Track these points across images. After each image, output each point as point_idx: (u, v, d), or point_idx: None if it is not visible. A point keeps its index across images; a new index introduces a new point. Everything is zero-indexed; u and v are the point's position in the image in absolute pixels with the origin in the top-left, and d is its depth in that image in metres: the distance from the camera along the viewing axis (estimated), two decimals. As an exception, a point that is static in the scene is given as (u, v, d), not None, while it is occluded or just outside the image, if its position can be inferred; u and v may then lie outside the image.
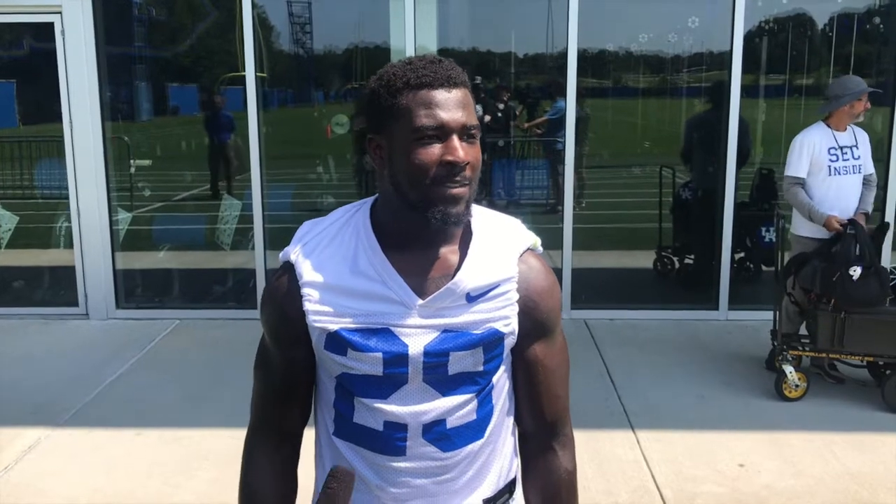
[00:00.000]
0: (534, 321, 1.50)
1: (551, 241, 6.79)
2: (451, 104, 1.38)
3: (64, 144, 6.54)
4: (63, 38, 6.37)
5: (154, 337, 6.19)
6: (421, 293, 1.43)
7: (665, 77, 6.96)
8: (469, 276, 1.43)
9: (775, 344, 5.14)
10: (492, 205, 7.37)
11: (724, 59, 6.42)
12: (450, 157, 1.36)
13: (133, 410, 4.85)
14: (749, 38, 6.41)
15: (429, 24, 6.53)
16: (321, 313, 1.44)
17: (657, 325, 6.41)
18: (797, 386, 4.89)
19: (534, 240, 1.54)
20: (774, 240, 5.53)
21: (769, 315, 5.27)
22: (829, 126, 5.05)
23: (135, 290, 6.92)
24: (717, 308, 6.57)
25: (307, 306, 1.44)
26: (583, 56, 6.49)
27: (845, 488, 3.93)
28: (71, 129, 6.50)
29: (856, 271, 4.67)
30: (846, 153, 5.02)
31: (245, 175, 6.67)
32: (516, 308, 1.47)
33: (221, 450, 4.33)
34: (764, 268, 6.73)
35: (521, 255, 1.50)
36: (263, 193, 6.61)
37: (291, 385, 1.53)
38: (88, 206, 6.59)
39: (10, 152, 7.20)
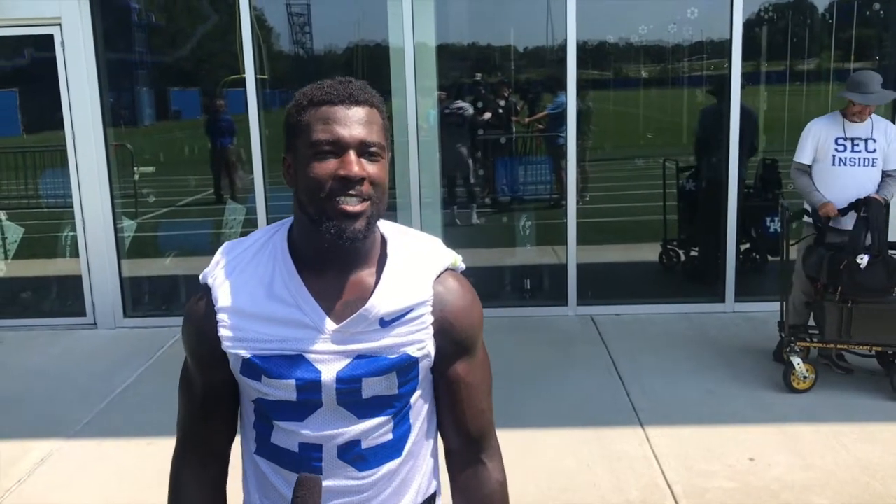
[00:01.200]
0: (452, 341, 1.50)
1: (556, 236, 6.79)
2: (350, 120, 1.39)
3: (67, 153, 6.56)
4: (63, 50, 6.38)
5: (162, 345, 6.21)
6: (335, 318, 1.43)
7: (665, 67, 6.94)
8: (382, 301, 1.43)
9: (783, 336, 5.14)
10: (495, 202, 7.38)
11: (725, 49, 6.39)
12: (342, 171, 1.36)
13: (143, 420, 4.87)
14: (748, 26, 6.38)
15: (427, 21, 6.52)
16: (236, 339, 1.44)
17: (664, 320, 6.40)
18: (805, 377, 4.89)
19: (453, 258, 1.54)
20: (780, 230, 5.52)
21: (776, 307, 5.26)
22: (843, 116, 5.04)
23: (142, 298, 6.94)
24: (723, 301, 6.56)
25: (222, 332, 1.45)
26: (582, 49, 6.48)
27: (857, 479, 3.93)
28: (73, 139, 6.51)
29: (863, 259, 4.66)
30: (857, 145, 4.99)
31: (248, 178, 6.68)
32: (431, 331, 1.47)
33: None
34: (770, 258, 6.72)
35: (437, 277, 1.50)
36: (267, 197, 6.62)
37: (214, 405, 1.54)
38: (93, 215, 6.61)
39: (14, 162, 7.22)
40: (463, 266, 1.57)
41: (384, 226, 1.54)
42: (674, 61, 6.84)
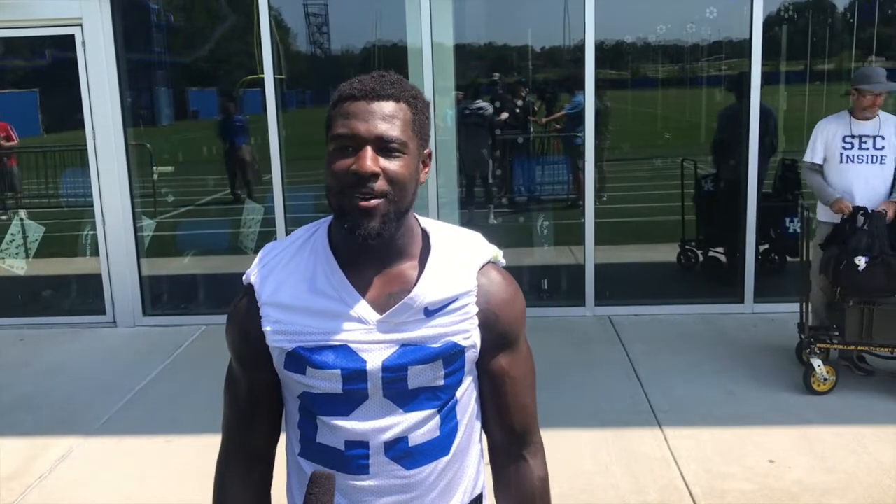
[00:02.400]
0: (496, 333, 1.51)
1: (573, 236, 6.77)
2: (371, 115, 1.38)
3: (87, 153, 6.61)
4: (84, 50, 6.43)
5: (181, 343, 6.25)
6: (379, 309, 1.44)
7: (684, 67, 6.91)
8: (426, 291, 1.44)
9: (802, 337, 5.10)
10: (512, 202, 7.37)
11: (744, 48, 6.35)
12: (354, 167, 1.36)
13: (163, 417, 4.90)
14: (768, 25, 6.33)
15: (445, 20, 6.52)
16: (280, 333, 1.45)
17: (682, 320, 6.37)
18: (826, 379, 4.85)
19: (495, 252, 1.55)
20: (799, 230, 5.49)
21: (795, 307, 5.23)
22: (851, 115, 5.07)
23: (161, 296, 6.98)
24: (742, 301, 6.52)
25: (266, 326, 1.46)
26: (600, 49, 6.46)
27: (878, 482, 3.89)
28: (94, 138, 6.56)
29: (861, 261, 4.65)
30: (865, 143, 5.03)
31: (266, 178, 6.71)
32: (476, 321, 1.48)
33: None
34: (789, 259, 6.67)
35: (481, 269, 1.50)
36: (285, 196, 6.64)
37: (258, 406, 1.54)
38: (113, 214, 6.65)
39: (35, 161, 7.29)
40: (504, 262, 1.57)
41: (425, 221, 1.55)
42: (692, 61, 6.81)
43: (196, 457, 4.39)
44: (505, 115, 7.18)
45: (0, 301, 6.98)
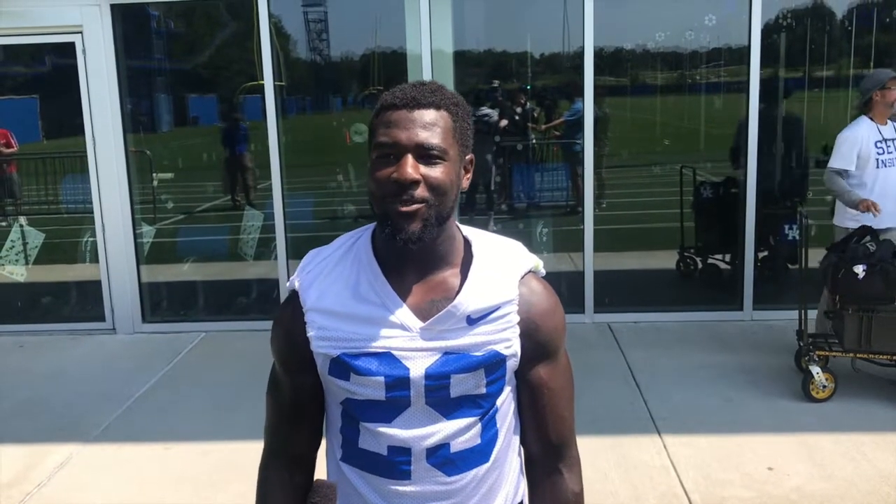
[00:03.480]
0: (536, 343, 1.52)
1: (572, 243, 6.78)
2: (412, 124, 1.41)
3: (87, 159, 6.62)
4: (84, 57, 6.45)
5: (180, 350, 6.25)
6: (422, 316, 1.46)
7: (683, 74, 6.92)
8: (469, 299, 1.45)
9: (801, 344, 5.11)
10: (512, 208, 7.39)
11: (743, 55, 6.37)
12: (395, 175, 1.39)
13: (162, 424, 4.90)
14: (767, 32, 6.35)
15: (444, 27, 6.54)
16: (324, 339, 1.47)
17: (681, 327, 6.37)
18: (825, 386, 4.85)
19: (535, 262, 1.56)
20: (798, 238, 5.50)
21: (794, 315, 5.23)
22: (872, 120, 5.18)
23: (160, 303, 6.99)
24: (741, 308, 6.52)
25: (311, 332, 1.48)
26: (599, 56, 6.47)
27: (877, 490, 3.89)
28: (94, 145, 6.57)
29: (859, 269, 4.66)
30: (889, 146, 5.14)
31: (265, 185, 6.72)
32: (517, 330, 1.49)
33: (250, 462, 4.33)
34: (789, 266, 6.68)
35: (522, 278, 1.52)
36: (284, 203, 6.65)
37: (301, 410, 1.56)
38: (113, 220, 6.66)
39: (35, 168, 7.30)
40: (544, 272, 1.59)
41: (466, 230, 1.56)
42: (691, 68, 6.82)
43: (194, 464, 4.39)
44: (504, 122, 7.19)
45: (0, 308, 6.98)
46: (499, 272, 1.49)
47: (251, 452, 4.41)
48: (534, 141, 7.38)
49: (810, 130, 6.75)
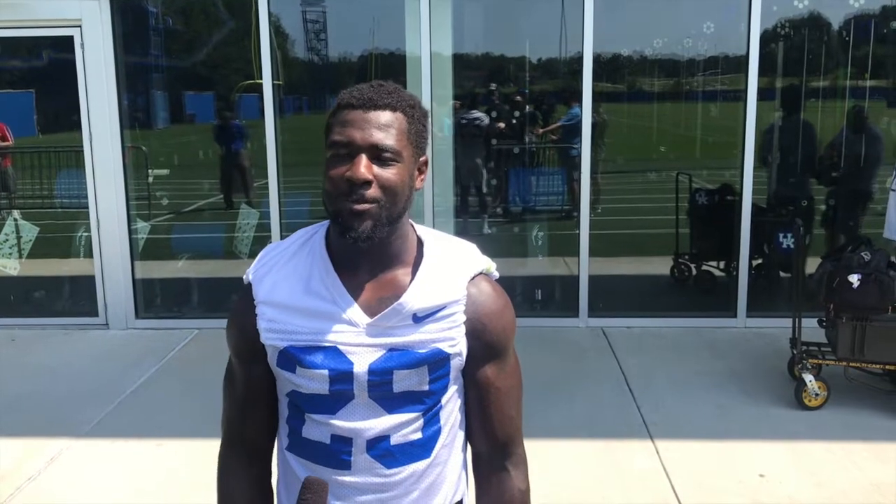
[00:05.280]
0: (483, 343, 1.54)
1: (568, 248, 6.79)
2: (367, 124, 1.43)
3: (83, 154, 6.60)
4: (83, 52, 6.43)
5: (173, 347, 6.23)
6: (370, 312, 1.48)
7: (680, 81, 6.94)
8: (416, 297, 1.47)
9: (794, 352, 5.12)
10: (507, 212, 7.39)
11: (741, 64, 6.39)
12: (348, 174, 1.41)
13: (154, 421, 4.89)
14: (765, 41, 6.37)
15: (444, 29, 6.54)
16: (273, 331, 1.51)
17: (675, 333, 6.38)
18: (817, 395, 4.87)
19: (487, 264, 1.58)
20: (793, 246, 5.52)
21: (788, 323, 5.25)
22: None
23: (154, 299, 6.97)
24: (735, 316, 6.54)
25: (261, 324, 1.52)
26: (598, 61, 6.48)
27: (868, 499, 3.91)
28: (90, 140, 6.55)
29: (854, 278, 4.68)
30: None
31: (261, 183, 6.71)
32: (463, 329, 1.51)
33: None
34: (782, 274, 6.70)
35: (472, 279, 1.54)
36: (281, 202, 6.64)
37: (255, 401, 1.59)
38: (108, 216, 6.64)
39: (30, 162, 7.27)
40: (496, 274, 1.61)
41: (421, 230, 1.59)
42: (688, 75, 6.84)
43: (186, 460, 4.38)
44: (502, 125, 7.20)
45: (-8, 301, 6.96)
46: (448, 272, 1.52)
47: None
48: (531, 145, 7.39)
49: (807, 139, 6.76)
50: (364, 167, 1.41)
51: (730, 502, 3.90)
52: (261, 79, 6.50)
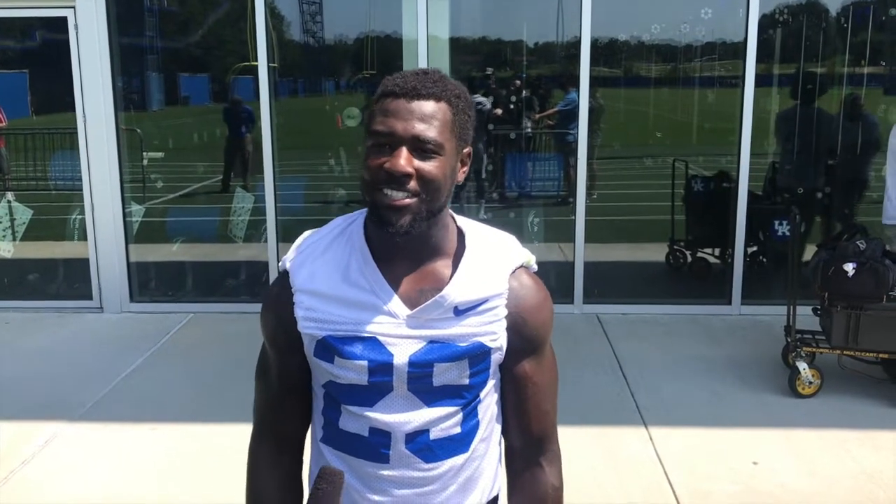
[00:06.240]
0: (523, 338, 1.52)
1: (563, 233, 6.78)
2: (410, 115, 1.39)
3: (77, 136, 6.56)
4: (76, 33, 6.37)
5: (168, 330, 6.22)
6: (410, 304, 1.46)
7: (678, 67, 6.91)
8: (458, 290, 1.45)
9: (789, 340, 5.13)
10: (503, 197, 7.37)
11: (738, 49, 6.36)
12: (387, 166, 1.38)
13: (148, 405, 4.88)
14: (763, 27, 6.34)
15: (441, 13, 6.50)
16: (311, 320, 1.47)
17: (670, 320, 6.39)
18: (811, 383, 4.88)
19: (528, 257, 1.55)
20: (788, 234, 5.52)
21: (782, 310, 5.25)
22: None
23: (148, 283, 6.95)
24: (730, 303, 6.54)
25: (298, 313, 1.49)
26: (595, 46, 6.45)
27: (861, 487, 3.92)
28: (84, 123, 6.51)
29: (849, 267, 4.68)
30: None
31: (257, 167, 6.68)
32: (504, 324, 1.49)
33: (236, 444, 4.33)
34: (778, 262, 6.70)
35: (513, 272, 1.51)
36: (276, 185, 6.61)
37: (289, 391, 1.56)
38: (102, 199, 6.61)
39: (24, 144, 7.23)
40: (535, 267, 1.58)
41: (462, 221, 1.55)
42: (686, 61, 6.82)
43: (181, 444, 4.38)
44: (499, 111, 7.17)
45: (-14, 284, 6.94)
46: (490, 265, 1.49)
47: (238, 434, 4.40)
48: (528, 130, 7.36)
49: (804, 126, 6.75)
50: (404, 160, 1.37)
51: (723, 489, 3.92)
52: (256, 61, 6.45)
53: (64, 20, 6.37)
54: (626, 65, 6.95)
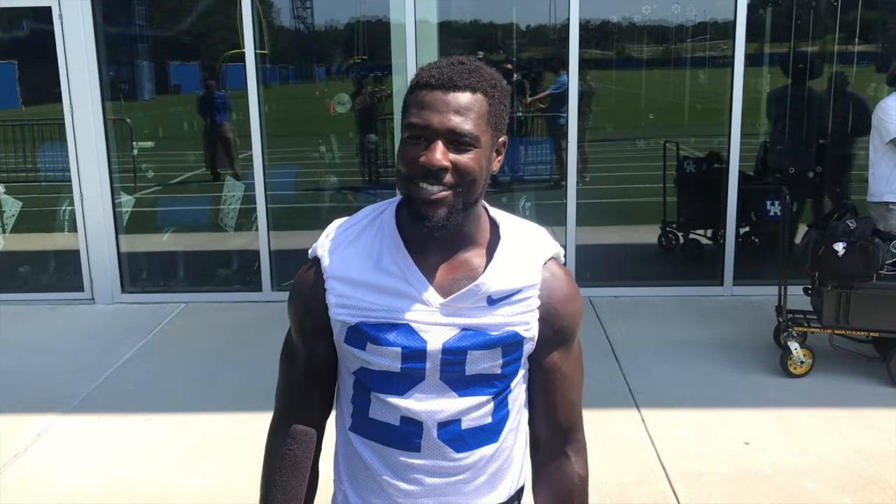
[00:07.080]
0: (554, 329, 1.52)
1: (555, 217, 6.77)
2: (446, 107, 1.37)
3: (65, 127, 6.52)
4: (61, 22, 6.32)
5: (160, 321, 6.21)
6: (442, 293, 1.45)
7: (669, 48, 6.89)
8: (492, 280, 1.45)
9: (780, 320, 5.14)
10: (494, 181, 7.35)
11: (728, 29, 6.34)
12: (422, 159, 1.37)
13: (140, 396, 4.88)
14: (753, 7, 6.32)
15: (429, -4, 6.46)
16: (343, 306, 1.47)
17: (662, 302, 6.40)
18: (802, 362, 4.89)
19: (558, 249, 1.56)
20: (780, 214, 5.52)
21: (774, 291, 5.26)
22: None
23: (140, 273, 6.93)
24: (722, 284, 6.55)
25: (330, 299, 1.48)
26: (585, 28, 6.42)
27: (851, 465, 3.94)
28: (71, 113, 6.47)
29: (839, 246, 4.69)
30: None
31: (246, 154, 6.65)
32: (537, 314, 1.49)
33: (229, 434, 4.36)
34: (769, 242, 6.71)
35: (545, 263, 1.52)
36: (266, 173, 6.59)
37: (314, 378, 1.56)
38: (91, 189, 6.58)
39: (13, 135, 7.18)
40: (563, 259, 1.59)
41: (494, 212, 1.55)
42: (677, 42, 6.79)
43: (174, 435, 4.38)
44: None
45: (-24, 276, 6.91)
46: (524, 255, 1.49)
47: (231, 424, 4.43)
48: (519, 114, 7.34)
49: (795, 106, 6.74)
50: (440, 154, 1.36)
51: (715, 469, 3.93)
52: (244, 48, 6.41)
53: (48, 10, 6.32)
54: (616, 46, 6.92)
